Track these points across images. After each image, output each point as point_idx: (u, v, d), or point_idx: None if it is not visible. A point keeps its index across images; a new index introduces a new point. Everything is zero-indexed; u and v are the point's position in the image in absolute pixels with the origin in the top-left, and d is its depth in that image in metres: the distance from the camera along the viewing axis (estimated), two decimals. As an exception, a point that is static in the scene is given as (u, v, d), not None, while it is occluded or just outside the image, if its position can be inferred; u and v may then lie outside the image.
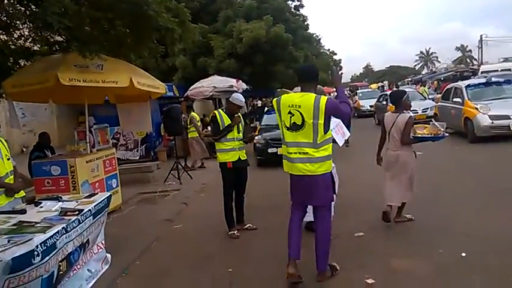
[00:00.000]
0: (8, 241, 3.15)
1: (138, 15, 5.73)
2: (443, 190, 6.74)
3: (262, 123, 12.83)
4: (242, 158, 5.62)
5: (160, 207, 7.44)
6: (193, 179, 9.76)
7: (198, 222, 6.32)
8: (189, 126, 11.67)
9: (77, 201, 4.37)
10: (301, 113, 3.64)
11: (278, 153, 10.51)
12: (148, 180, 9.96)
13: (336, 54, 41.01)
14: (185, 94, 14.15)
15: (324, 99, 3.61)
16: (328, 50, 40.22)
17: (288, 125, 3.75)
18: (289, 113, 3.70)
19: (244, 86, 15.07)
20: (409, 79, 49.03)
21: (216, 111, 5.77)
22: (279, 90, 27.43)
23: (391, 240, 4.71)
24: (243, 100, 5.75)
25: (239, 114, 5.65)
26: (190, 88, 13.84)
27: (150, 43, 7.10)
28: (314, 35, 28.75)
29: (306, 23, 23.88)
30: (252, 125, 15.61)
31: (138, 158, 12.86)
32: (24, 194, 4.53)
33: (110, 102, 8.45)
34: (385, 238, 4.78)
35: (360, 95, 26.88)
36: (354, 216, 5.69)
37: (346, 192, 6.97)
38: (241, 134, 5.65)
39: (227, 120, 5.52)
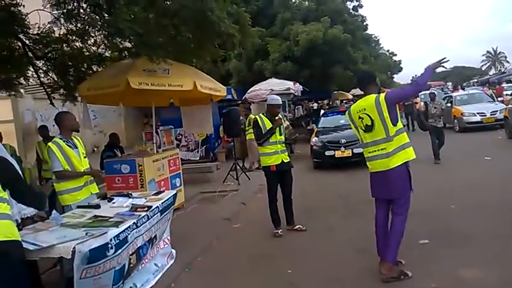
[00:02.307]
0: (86, 234, 3.39)
1: (202, 21, 5.94)
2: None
3: (319, 126, 12.70)
4: (285, 161, 5.70)
5: (220, 207, 7.65)
6: (250, 180, 9.90)
7: (256, 222, 6.42)
8: (247, 128, 11.87)
9: (145, 198, 4.63)
10: (368, 114, 3.92)
11: (335, 156, 10.41)
12: (209, 180, 10.28)
13: (395, 55, 39.54)
14: (243, 97, 14.39)
15: (382, 94, 3.90)
16: (388, 50, 39.00)
17: (363, 128, 4.01)
18: (359, 117, 4.01)
19: (301, 88, 15.04)
20: (475, 80, 46.19)
21: (257, 116, 5.90)
22: (335, 92, 27.06)
23: (458, 248, 4.48)
24: (280, 99, 5.92)
25: (280, 116, 5.75)
26: (248, 91, 14.05)
27: (212, 48, 7.33)
28: (373, 36, 28.05)
29: (364, 24, 23.32)
30: (308, 128, 15.53)
31: (198, 158, 13.31)
32: (98, 191, 4.87)
33: (172, 105, 8.82)
34: (452, 246, 4.56)
35: (422, 97, 25.69)
36: (418, 222, 5.47)
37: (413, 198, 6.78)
38: (282, 137, 5.76)
39: (268, 124, 5.64)
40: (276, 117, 5.69)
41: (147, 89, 6.20)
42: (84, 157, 4.60)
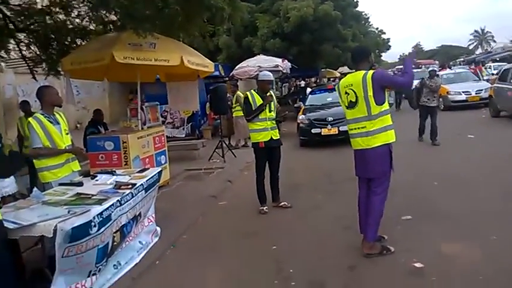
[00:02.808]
0: (68, 212, 3.35)
1: (191, -7, 5.76)
2: (496, 173, 6.45)
3: (306, 104, 12.68)
4: (274, 138, 5.70)
5: (206, 184, 7.62)
6: (237, 157, 9.88)
7: (242, 200, 6.43)
8: (234, 106, 11.77)
9: (130, 176, 4.58)
10: (353, 90, 3.90)
11: (322, 133, 10.43)
12: (194, 157, 10.22)
13: (384, 33, 39.39)
14: (230, 74, 14.22)
15: (370, 72, 3.83)
16: (377, 28, 38.81)
17: (346, 104, 4.01)
18: (346, 93, 4.01)
19: (289, 65, 14.90)
20: (462, 59, 46.30)
21: (247, 92, 5.87)
22: (323, 70, 26.93)
23: (440, 224, 4.57)
24: (271, 75, 5.88)
25: (271, 93, 5.71)
26: (236, 68, 13.86)
27: (200, 22, 7.15)
28: (363, 13, 27.79)
29: (355, 0, 23.03)
30: (295, 105, 15.49)
31: (184, 135, 13.20)
32: (79, 168, 4.77)
33: (158, 81, 8.67)
34: (434, 222, 4.64)
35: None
36: (401, 198, 5.56)
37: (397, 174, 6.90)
38: (273, 114, 5.71)
39: (259, 100, 5.61)
40: (267, 94, 5.64)
41: (133, 64, 6.06)
42: (67, 133, 4.49)
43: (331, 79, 29.87)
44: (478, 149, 8.35)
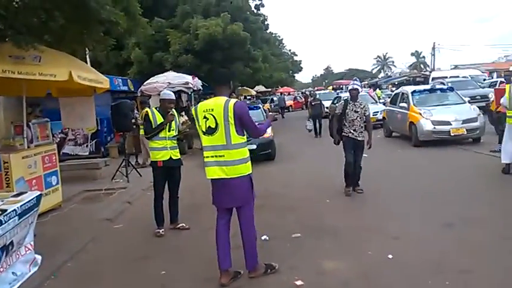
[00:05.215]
0: None
1: (79, 6, 5.50)
2: (382, 191, 6.99)
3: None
4: (174, 158, 5.59)
5: (103, 206, 7.22)
6: (142, 176, 9.54)
7: (138, 222, 6.19)
8: (141, 122, 11.39)
9: (2, 201, 4.14)
10: (214, 116, 3.77)
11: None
12: (96, 177, 9.66)
13: (297, 55, 41.79)
14: (139, 89, 13.82)
15: (233, 101, 3.78)
16: (290, 50, 40.89)
17: (204, 130, 3.87)
18: (205, 117, 3.83)
19: (200, 82, 14.89)
20: (365, 82, 50.18)
21: (148, 109, 5.71)
22: (239, 88, 27.45)
23: (325, 240, 4.80)
24: (173, 94, 5.80)
25: (172, 112, 5.62)
26: (144, 84, 13.53)
27: (97, 35, 6.86)
28: (276, 35, 29.04)
29: (266, 23, 23.94)
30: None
31: (87, 153, 12.50)
32: None
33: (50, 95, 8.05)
34: (320, 239, 4.86)
35: (318, 96, 27.34)
36: (295, 216, 5.77)
37: (286, 192, 7.15)
38: (173, 132, 5.61)
39: (159, 119, 5.50)
40: (169, 113, 5.51)
41: (14, 78, 5.57)
42: None
43: (248, 97, 30.62)
44: (367, 166, 8.98)
